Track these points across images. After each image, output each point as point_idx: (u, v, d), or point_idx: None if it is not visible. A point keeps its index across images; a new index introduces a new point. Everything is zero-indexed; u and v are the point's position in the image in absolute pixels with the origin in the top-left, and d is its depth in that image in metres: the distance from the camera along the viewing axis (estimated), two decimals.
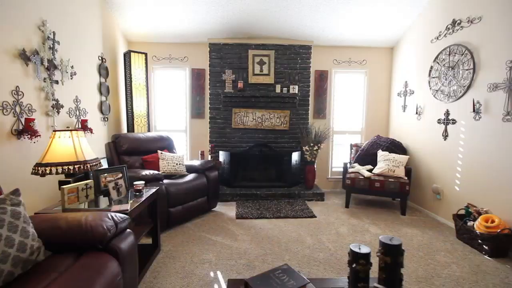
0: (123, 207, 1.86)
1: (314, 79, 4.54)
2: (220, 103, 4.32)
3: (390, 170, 3.69)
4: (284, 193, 4.06)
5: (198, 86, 4.46)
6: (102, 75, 3.50)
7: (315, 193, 4.12)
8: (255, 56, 4.29)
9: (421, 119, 3.83)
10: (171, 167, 3.31)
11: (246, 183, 4.36)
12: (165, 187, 2.89)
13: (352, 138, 4.72)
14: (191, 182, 3.21)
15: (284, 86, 4.33)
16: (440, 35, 3.51)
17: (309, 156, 4.17)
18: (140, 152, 3.40)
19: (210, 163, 3.58)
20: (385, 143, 4.09)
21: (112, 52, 3.83)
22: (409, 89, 4.13)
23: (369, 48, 4.58)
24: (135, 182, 2.24)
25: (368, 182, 3.66)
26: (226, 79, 4.26)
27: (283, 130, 4.40)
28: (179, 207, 3.02)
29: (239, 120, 4.33)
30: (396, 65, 4.50)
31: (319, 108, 4.59)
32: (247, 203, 3.85)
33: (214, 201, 3.54)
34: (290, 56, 4.35)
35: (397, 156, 3.78)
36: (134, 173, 2.80)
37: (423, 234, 2.99)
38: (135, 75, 3.88)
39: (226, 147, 4.37)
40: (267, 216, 3.38)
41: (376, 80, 4.63)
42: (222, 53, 4.28)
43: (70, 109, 2.87)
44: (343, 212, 3.65)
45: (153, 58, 4.37)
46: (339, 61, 4.57)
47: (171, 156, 3.39)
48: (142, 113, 3.98)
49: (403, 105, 4.26)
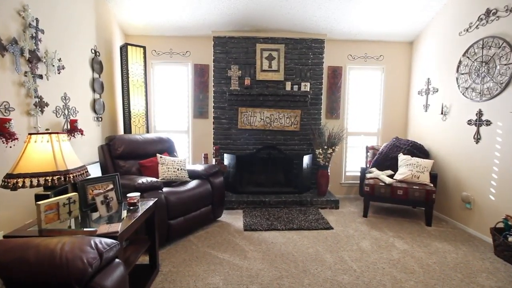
0: (112, 229, 1.51)
1: (327, 76, 4.19)
2: (225, 102, 3.98)
3: (414, 176, 3.33)
4: (295, 200, 3.72)
5: (201, 83, 4.11)
6: (96, 70, 3.16)
7: (329, 200, 3.77)
8: (264, 50, 3.94)
9: (447, 120, 3.47)
10: (172, 172, 2.96)
11: (253, 188, 4.02)
12: (165, 196, 2.54)
13: (368, 140, 4.37)
14: (194, 189, 2.87)
15: (295, 83, 3.99)
16: (470, 26, 3.15)
17: (322, 159, 3.82)
18: (137, 156, 3.06)
19: (214, 168, 3.24)
20: (405, 145, 3.74)
21: (107, 46, 3.49)
22: (432, 86, 3.78)
23: (387, 42, 4.22)
24: (128, 194, 1.90)
25: (389, 190, 3.31)
26: (232, 75, 3.92)
27: (293, 131, 4.06)
28: (180, 218, 2.68)
29: (246, 120, 3.99)
30: (417, 61, 4.14)
31: (332, 107, 4.24)
32: (255, 212, 3.51)
33: (219, 210, 3.19)
34: (302, 51, 4.00)
35: (421, 161, 3.43)
36: (129, 181, 2.46)
37: (456, 250, 2.64)
38: (133, 70, 3.54)
39: (231, 150, 4.03)
40: (278, 227, 3.04)
41: (394, 77, 4.27)
42: (227, 47, 3.93)
43: (57, 107, 2.53)
44: (362, 223, 3.30)
45: (153, 53, 4.03)
46: (354, 56, 4.22)
47: (172, 160, 3.05)
48: (140, 112, 3.64)
49: (425, 104, 3.91)
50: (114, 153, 2.92)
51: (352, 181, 4.36)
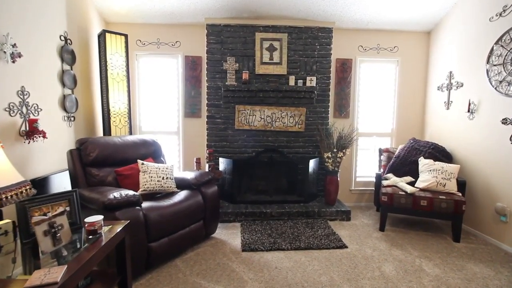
0: (49, 278, 1.03)
1: (335, 70, 3.72)
2: (221, 99, 3.50)
3: (440, 184, 2.88)
4: (301, 211, 3.25)
5: (193, 78, 3.63)
6: (66, 60, 2.67)
7: (339, 210, 3.30)
8: (264, 40, 3.47)
9: (476, 119, 3.02)
10: (155, 182, 2.48)
11: (252, 197, 3.54)
12: (144, 214, 2.06)
13: (380, 141, 3.90)
14: (181, 203, 2.39)
15: (299, 77, 3.52)
16: (504, 10, 2.70)
17: (331, 164, 3.35)
18: (115, 162, 2.58)
19: (207, 175, 2.75)
20: (426, 148, 3.28)
21: (83, 33, 3.00)
22: (455, 81, 3.32)
23: (402, 32, 3.76)
24: (87, 219, 1.42)
25: (411, 200, 2.85)
26: (228, 69, 3.44)
27: (297, 132, 3.59)
28: (164, 239, 2.20)
29: (244, 119, 3.51)
30: (436, 52, 3.69)
31: (341, 105, 3.77)
32: (255, 226, 3.04)
33: (213, 226, 2.72)
34: (307, 41, 3.53)
35: (446, 166, 2.97)
36: (98, 195, 1.97)
37: (497, 275, 2.19)
38: (112, 62, 3.05)
39: (227, 153, 3.55)
40: (282, 246, 2.57)
41: (409, 71, 3.81)
42: (222, 37, 3.45)
43: (12, 104, 2.05)
44: (380, 239, 2.84)
45: (137, 43, 3.54)
46: (365, 47, 3.76)
47: (156, 167, 2.56)
48: (121, 111, 3.15)
49: (447, 101, 3.45)
50: (85, 160, 2.43)
51: (363, 188, 3.90)
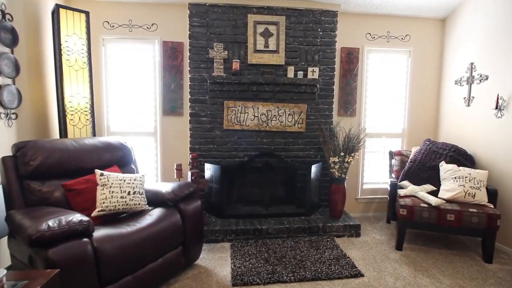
0: None
1: (340, 60, 3.23)
2: (206, 93, 2.94)
3: (468, 194, 2.42)
4: (303, 227, 2.73)
5: (173, 68, 3.05)
6: (3, 41, 2.05)
7: (348, 225, 2.80)
8: (258, 24, 2.93)
9: (505, 117, 2.59)
10: (118, 199, 1.90)
11: (244, 209, 3.00)
12: (95, 247, 1.48)
13: (390, 143, 3.43)
14: (152, 226, 1.81)
15: (299, 68, 3.00)
16: None
17: (337, 170, 2.85)
18: (67, 173, 1.98)
19: (187, 187, 2.18)
20: (445, 151, 2.83)
21: (31, 8, 2.38)
22: (477, 73, 2.89)
23: (415, 18, 3.31)
24: None
25: (436, 214, 2.38)
26: (215, 57, 2.89)
27: (297, 133, 3.07)
28: (126, 279, 1.63)
29: (234, 118, 2.97)
30: (452, 42, 3.25)
31: (347, 101, 3.28)
32: (248, 247, 2.49)
33: (195, 251, 2.16)
34: (308, 26, 3.01)
35: (474, 172, 2.52)
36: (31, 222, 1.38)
37: None
38: (69, 46, 2.44)
39: (215, 158, 3.00)
40: (284, 277, 2.03)
41: (423, 63, 3.36)
42: (208, 19, 2.90)
43: None
44: (399, 261, 2.35)
45: (105, 25, 2.93)
46: (374, 35, 3.28)
47: (120, 178, 1.98)
48: (81, 106, 2.54)
49: (467, 97, 3.02)
50: (24, 170, 1.82)
51: (370, 196, 3.42)
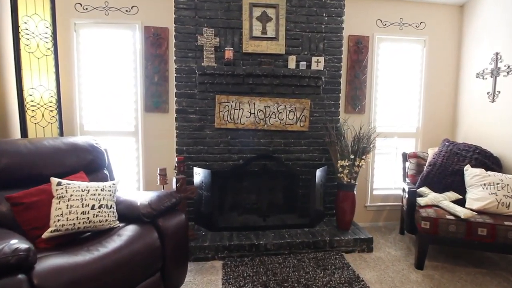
0: None
1: (348, 50, 2.86)
2: (195, 87, 2.56)
3: (502, 204, 2.06)
4: (307, 242, 2.35)
5: (157, 57, 2.66)
6: None
7: (358, 239, 2.43)
8: (254, 7, 2.55)
9: None
10: (79, 215, 1.51)
11: (239, 220, 2.62)
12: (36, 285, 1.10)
13: (403, 143, 3.07)
14: (120, 251, 1.43)
15: (302, 58, 2.63)
16: None
17: (346, 175, 2.48)
18: (18, 182, 1.59)
19: (168, 198, 1.79)
20: (469, 153, 2.47)
21: None
22: (504, 65, 2.54)
23: (430, 4, 2.95)
24: None
25: (464, 227, 2.02)
26: (205, 44, 2.50)
27: (300, 132, 2.70)
28: None
29: (227, 115, 2.58)
30: (473, 29, 2.89)
31: (355, 96, 2.91)
32: (243, 267, 2.11)
33: (178, 276, 1.77)
34: (311, 10, 2.64)
35: (506, 178, 2.17)
36: None
37: None
38: (29, 28, 2.04)
39: (205, 161, 2.61)
40: None
41: (440, 54, 3.01)
42: (197, 1, 2.51)
43: None
44: (422, 284, 1.98)
45: (77, 8, 2.53)
46: (385, 22, 2.91)
47: (83, 189, 1.59)
48: (45, 101, 2.15)
49: (491, 92, 2.66)
50: None
51: (381, 203, 3.06)
